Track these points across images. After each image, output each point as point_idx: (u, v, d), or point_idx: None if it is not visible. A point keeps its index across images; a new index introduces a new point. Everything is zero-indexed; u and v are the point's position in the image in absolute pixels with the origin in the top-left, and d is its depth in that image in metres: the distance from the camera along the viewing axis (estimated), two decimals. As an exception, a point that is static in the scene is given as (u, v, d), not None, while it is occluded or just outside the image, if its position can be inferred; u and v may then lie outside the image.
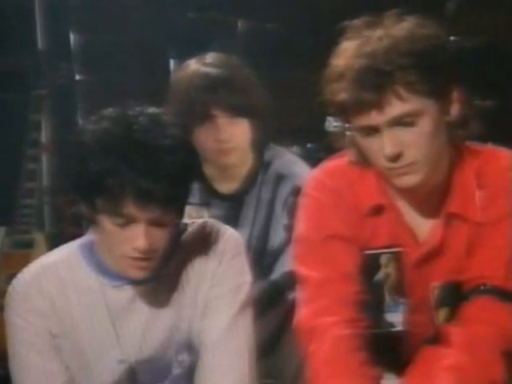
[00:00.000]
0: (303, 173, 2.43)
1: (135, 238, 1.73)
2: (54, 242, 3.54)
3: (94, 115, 1.79)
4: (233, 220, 2.44)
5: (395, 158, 1.78)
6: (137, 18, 3.67)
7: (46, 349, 1.81)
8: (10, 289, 1.84)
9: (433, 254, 1.87)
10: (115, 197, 1.70)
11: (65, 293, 1.82)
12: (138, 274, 1.78)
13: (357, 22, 1.82)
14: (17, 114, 3.59)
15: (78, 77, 3.61)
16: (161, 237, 1.76)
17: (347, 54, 1.78)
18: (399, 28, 1.78)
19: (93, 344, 1.83)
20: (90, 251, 1.84)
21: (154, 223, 1.74)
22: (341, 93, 1.77)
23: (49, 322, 1.81)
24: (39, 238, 3.54)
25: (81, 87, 3.64)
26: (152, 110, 1.78)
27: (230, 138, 2.47)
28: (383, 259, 1.88)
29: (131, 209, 1.71)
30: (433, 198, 1.87)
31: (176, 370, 1.88)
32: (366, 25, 1.81)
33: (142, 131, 1.72)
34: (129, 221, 1.73)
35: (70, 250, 1.87)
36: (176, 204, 1.75)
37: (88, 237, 1.85)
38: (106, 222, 1.73)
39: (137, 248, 1.74)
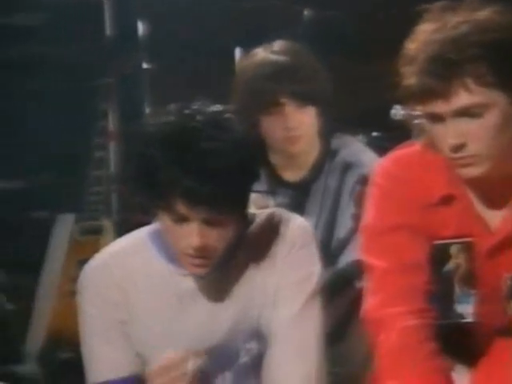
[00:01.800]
0: (370, 161, 2.41)
1: (189, 236, 1.74)
2: (122, 228, 3.58)
3: (160, 105, 1.81)
4: (299, 208, 2.44)
5: (458, 148, 1.75)
6: (203, 6, 3.68)
7: (116, 337, 1.83)
8: (81, 277, 1.86)
9: (505, 244, 1.85)
10: (166, 194, 1.71)
11: (134, 280, 1.84)
12: (196, 271, 1.79)
13: (436, 5, 1.79)
14: (85, 102, 3.64)
15: (145, 65, 3.63)
16: (218, 236, 1.76)
17: (421, 37, 1.76)
18: (476, 16, 1.75)
19: (161, 331, 1.84)
20: (159, 238, 1.85)
21: (209, 223, 1.74)
22: (411, 77, 1.75)
23: (118, 309, 1.83)
24: (107, 224, 3.59)
25: (148, 76, 3.66)
26: (214, 107, 1.79)
27: (298, 126, 2.47)
28: (453, 249, 1.85)
29: (181, 208, 1.72)
30: (503, 188, 1.84)
31: (243, 359, 1.89)
32: (445, 9, 1.77)
33: (197, 131, 1.73)
34: (182, 219, 1.74)
35: (139, 237, 1.88)
36: (229, 205, 1.74)
37: (157, 224, 1.87)
38: (163, 217, 1.75)
39: (191, 246, 1.75)
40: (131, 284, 1.84)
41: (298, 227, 1.90)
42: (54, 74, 3.68)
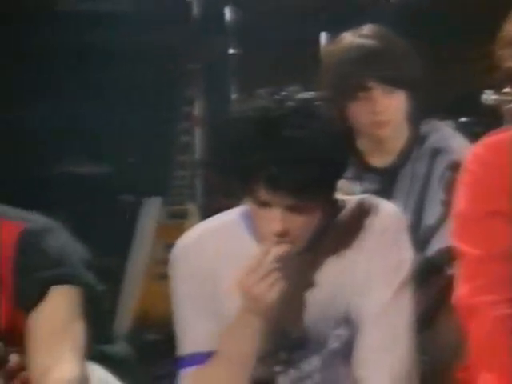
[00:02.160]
0: (460, 147, 2.38)
1: (272, 221, 1.75)
2: (207, 213, 3.62)
3: (245, 91, 1.82)
4: (386, 194, 2.42)
5: None
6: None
7: (203, 310, 1.85)
8: (173, 252, 1.90)
9: None
10: (250, 179, 1.73)
11: (224, 259, 1.86)
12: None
13: None
14: (171, 88, 3.67)
15: (231, 51, 3.64)
16: (302, 223, 1.76)
17: None
18: None
19: None
20: (250, 219, 1.86)
21: (292, 209, 1.74)
22: (510, 59, 1.72)
23: (206, 285, 1.85)
24: (192, 208, 3.62)
25: (234, 61, 3.67)
26: (304, 94, 1.79)
27: (386, 110, 2.45)
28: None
29: (264, 194, 1.73)
30: None
31: (333, 344, 1.88)
32: None
33: (285, 117, 1.73)
34: (265, 204, 1.74)
35: (231, 217, 1.90)
36: (313, 193, 1.74)
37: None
38: (248, 200, 1.76)
39: (272, 232, 1.75)
40: (221, 261, 1.86)
41: (389, 213, 1.88)
42: (141, 60, 3.72)
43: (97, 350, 1.81)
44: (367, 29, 2.53)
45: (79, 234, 1.87)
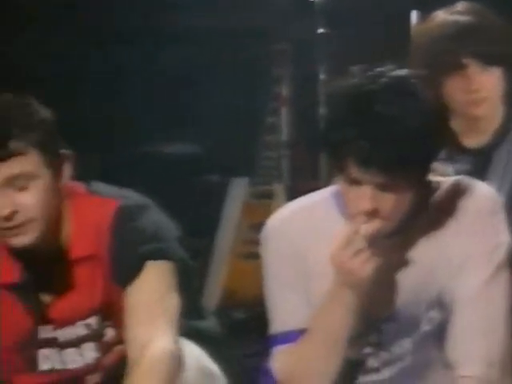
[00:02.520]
0: (559, 127, 2.32)
1: (361, 199, 1.73)
2: (293, 193, 3.61)
3: (334, 71, 1.80)
4: (479, 176, 2.36)
5: None
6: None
7: (295, 288, 1.85)
8: (264, 230, 1.89)
9: None
10: (341, 156, 1.71)
11: (314, 237, 1.85)
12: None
13: None
14: (259, 68, 3.66)
15: (320, 30, 3.61)
16: (392, 203, 1.73)
17: None
18: None
19: None
20: (342, 198, 1.84)
21: (383, 188, 1.71)
22: None
23: (297, 263, 1.85)
24: (279, 189, 3.63)
25: (322, 41, 3.64)
26: (399, 71, 1.76)
27: (482, 88, 2.38)
28: None
29: (354, 171, 1.71)
30: None
31: (425, 327, 1.86)
32: None
33: (377, 94, 1.71)
34: (355, 182, 1.72)
35: (321, 197, 1.89)
36: (404, 171, 1.71)
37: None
38: (339, 178, 1.74)
39: (362, 210, 1.73)
40: (312, 239, 1.85)
41: (485, 195, 1.84)
42: (230, 40, 3.72)
43: (188, 325, 1.82)
44: (461, 6, 2.47)
45: (166, 215, 1.88)
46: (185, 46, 3.72)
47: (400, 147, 1.68)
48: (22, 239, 1.73)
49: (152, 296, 1.77)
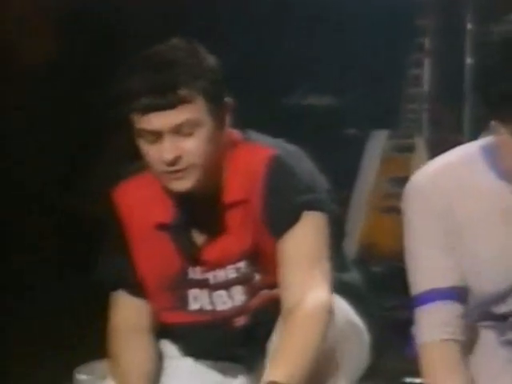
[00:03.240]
0: None
1: None
2: (434, 147, 3.54)
3: (482, 21, 1.72)
4: None
5: None
6: None
7: (440, 246, 1.80)
8: (407, 187, 1.85)
9: None
10: (505, 105, 1.65)
11: (462, 193, 1.80)
12: None
13: None
14: (403, 18, 3.59)
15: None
16: None
17: None
18: None
19: (484, 249, 1.80)
20: (491, 153, 1.79)
21: None
22: None
23: (444, 220, 1.80)
24: (419, 142, 3.56)
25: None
26: None
27: None
28: None
29: None
30: None
31: None
32: None
33: None
34: None
35: (470, 151, 1.83)
36: None
37: (490, 139, 1.80)
38: (500, 130, 1.69)
39: None
40: (458, 196, 1.81)
41: None
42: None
43: (334, 277, 1.81)
44: None
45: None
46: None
47: None
48: (183, 184, 1.75)
49: (308, 246, 1.76)
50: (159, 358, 1.87)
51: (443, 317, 1.77)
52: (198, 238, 1.81)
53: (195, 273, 1.83)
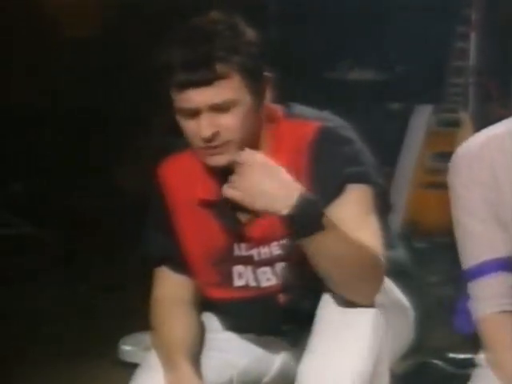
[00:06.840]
0: None
1: None
2: (479, 122, 3.49)
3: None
4: None
5: None
6: None
7: (487, 217, 1.78)
8: (453, 161, 1.83)
9: None
10: None
11: (506, 163, 1.78)
12: None
13: None
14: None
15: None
16: None
17: None
18: None
19: None
20: None
21: None
22: None
23: (489, 191, 1.78)
24: (465, 117, 3.51)
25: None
26: None
27: None
28: None
29: None
30: None
31: None
32: None
33: None
34: None
35: None
36: None
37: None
38: None
39: None
40: (505, 169, 1.78)
41: None
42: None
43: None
44: None
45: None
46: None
47: None
48: (218, 159, 1.73)
49: (355, 213, 1.73)
50: (202, 331, 1.87)
51: (501, 288, 1.75)
52: (243, 215, 1.80)
53: (240, 249, 1.82)
